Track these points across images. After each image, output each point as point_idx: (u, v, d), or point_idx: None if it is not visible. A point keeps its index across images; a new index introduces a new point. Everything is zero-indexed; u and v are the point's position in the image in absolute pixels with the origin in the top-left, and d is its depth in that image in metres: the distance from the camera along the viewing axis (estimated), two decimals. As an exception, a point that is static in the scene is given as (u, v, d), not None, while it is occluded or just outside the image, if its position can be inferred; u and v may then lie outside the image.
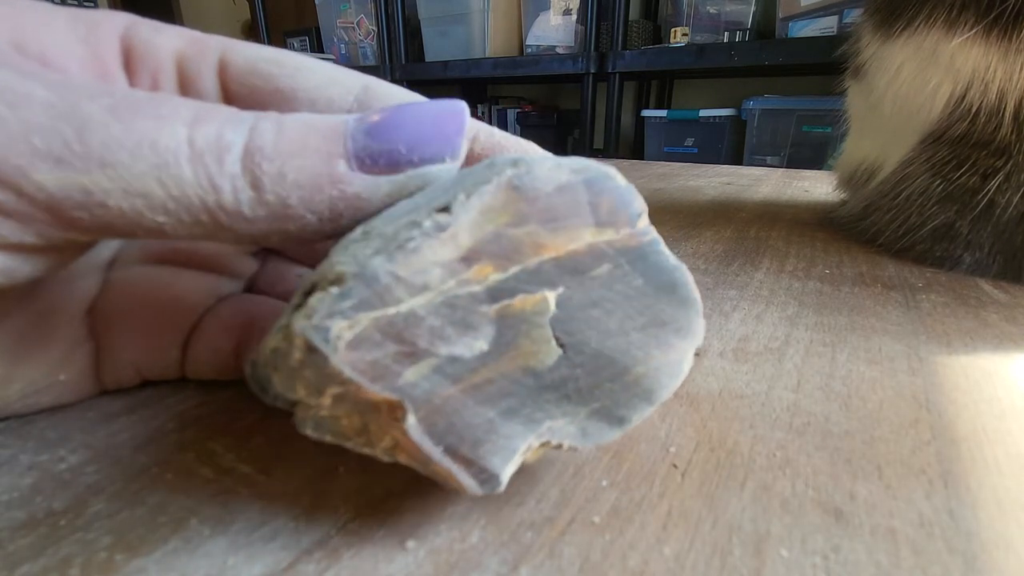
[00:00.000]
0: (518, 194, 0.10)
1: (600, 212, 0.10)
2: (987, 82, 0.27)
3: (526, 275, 0.10)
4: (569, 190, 0.10)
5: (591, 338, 0.10)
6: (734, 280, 0.27)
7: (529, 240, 0.10)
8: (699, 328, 0.11)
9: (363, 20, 1.90)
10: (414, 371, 0.09)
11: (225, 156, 0.10)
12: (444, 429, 0.10)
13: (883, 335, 0.21)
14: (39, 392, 0.14)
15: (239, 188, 0.10)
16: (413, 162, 0.10)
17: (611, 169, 0.10)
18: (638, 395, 0.11)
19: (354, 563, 0.10)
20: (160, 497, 0.12)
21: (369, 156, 0.10)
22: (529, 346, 0.10)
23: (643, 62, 1.43)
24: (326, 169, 0.10)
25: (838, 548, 0.11)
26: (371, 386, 0.09)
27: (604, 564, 0.10)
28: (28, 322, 0.13)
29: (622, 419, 0.11)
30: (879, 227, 0.34)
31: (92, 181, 0.09)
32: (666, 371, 0.11)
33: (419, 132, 0.10)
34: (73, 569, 0.10)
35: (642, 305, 0.11)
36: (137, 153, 0.09)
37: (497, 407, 0.10)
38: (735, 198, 0.51)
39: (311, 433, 0.10)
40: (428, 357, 0.09)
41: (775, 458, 0.14)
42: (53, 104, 0.09)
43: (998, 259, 0.29)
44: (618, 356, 0.11)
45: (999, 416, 0.16)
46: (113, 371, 0.15)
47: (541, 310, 0.10)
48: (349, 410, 0.10)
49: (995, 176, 0.28)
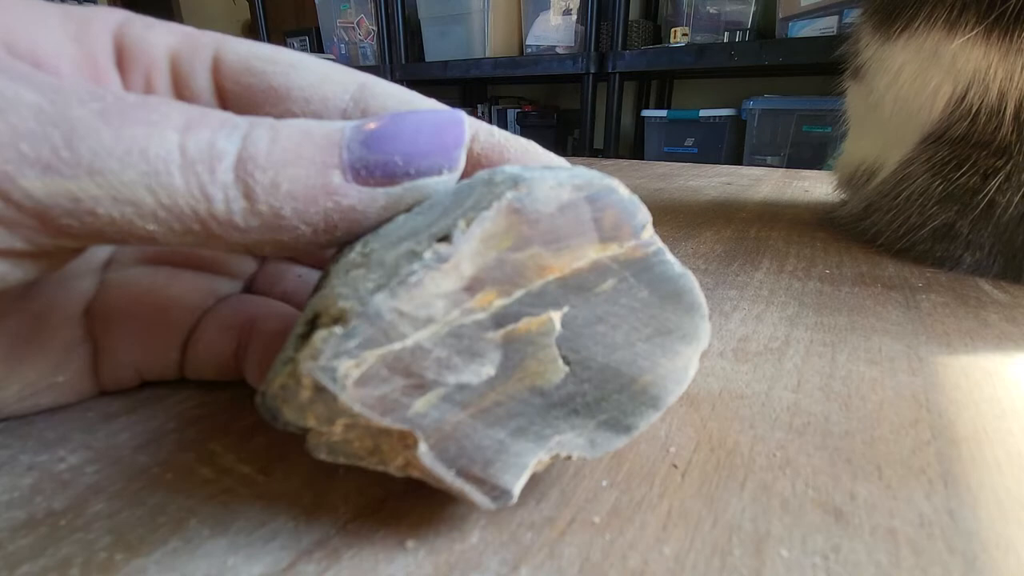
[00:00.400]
0: (519, 217, 0.09)
1: (604, 227, 0.10)
2: (988, 82, 0.27)
3: (530, 298, 0.10)
4: (572, 208, 0.10)
5: (597, 353, 0.10)
6: (734, 280, 0.27)
7: (532, 263, 0.09)
8: (705, 333, 0.11)
9: (363, 20, 1.90)
10: (423, 402, 0.09)
11: (217, 165, 0.09)
12: (455, 453, 0.10)
13: (883, 335, 0.21)
14: (37, 393, 0.14)
15: (231, 198, 0.09)
16: (410, 174, 0.10)
17: (614, 181, 0.10)
18: (645, 403, 0.11)
19: (354, 563, 0.10)
20: (160, 497, 0.12)
21: (365, 167, 0.10)
22: (536, 366, 0.10)
23: (643, 62, 1.43)
24: (320, 180, 0.10)
25: (838, 548, 0.11)
26: (381, 419, 0.09)
27: (604, 564, 0.10)
28: (24, 323, 0.13)
29: (629, 427, 0.11)
30: (879, 227, 0.34)
31: (81, 188, 0.09)
32: (672, 378, 0.11)
33: (417, 143, 0.10)
34: (73, 569, 0.10)
35: (648, 316, 0.11)
36: (127, 161, 0.09)
37: (507, 428, 0.10)
38: (735, 198, 0.51)
39: (325, 457, 0.10)
40: (436, 387, 0.09)
41: (775, 458, 0.14)
42: (42, 109, 0.09)
43: (998, 259, 0.29)
44: (624, 368, 0.11)
45: (999, 416, 0.16)
46: (112, 372, 0.15)
47: (546, 331, 0.10)
48: (361, 434, 0.10)
49: (995, 176, 0.28)
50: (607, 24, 1.47)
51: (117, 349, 0.15)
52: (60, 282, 0.14)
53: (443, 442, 0.09)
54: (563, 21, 1.55)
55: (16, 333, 0.13)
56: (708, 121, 1.47)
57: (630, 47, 1.48)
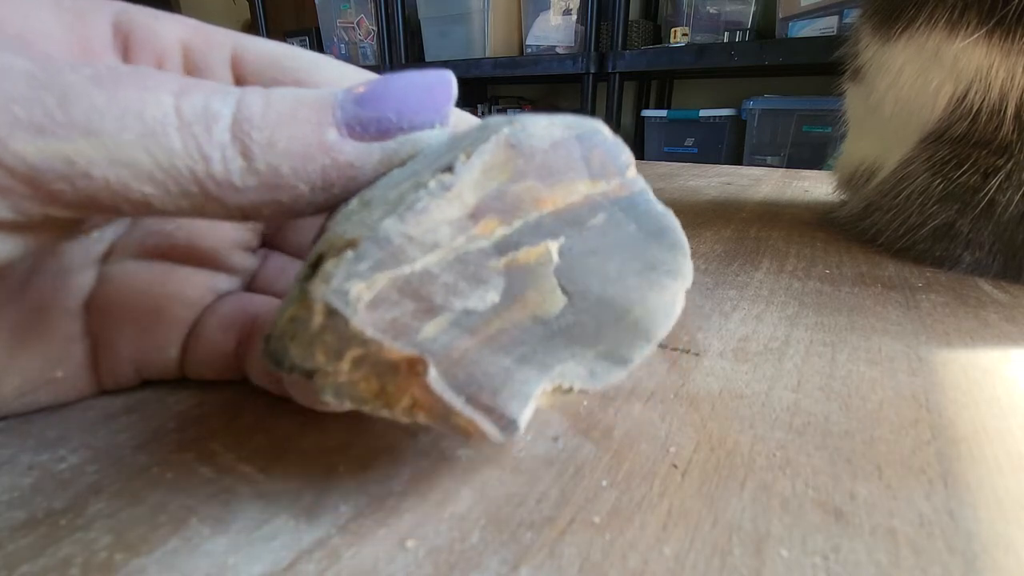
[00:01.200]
0: (515, 151, 0.10)
1: (593, 165, 0.11)
2: (989, 82, 0.27)
3: (529, 228, 0.10)
4: (563, 146, 0.10)
5: (593, 285, 0.11)
6: (734, 280, 0.27)
7: (529, 195, 0.10)
8: (688, 270, 0.12)
9: (363, 20, 1.90)
10: (432, 326, 0.10)
11: (213, 126, 0.09)
12: (464, 380, 0.10)
13: (883, 335, 0.21)
14: (37, 389, 0.14)
15: (229, 157, 0.10)
16: (403, 128, 0.10)
17: (599, 123, 0.11)
18: (638, 335, 0.11)
19: (354, 563, 0.10)
20: (160, 497, 0.12)
21: (360, 124, 0.10)
22: (537, 296, 0.10)
23: (643, 62, 1.42)
24: (317, 137, 0.10)
25: (838, 548, 0.11)
26: (392, 344, 0.09)
27: (604, 564, 0.10)
28: (23, 315, 0.13)
29: (626, 359, 0.11)
30: (879, 227, 0.34)
31: (75, 150, 0.09)
32: (661, 311, 0.12)
33: (407, 100, 0.11)
34: (73, 569, 0.10)
35: (636, 250, 0.11)
36: (123, 122, 0.09)
37: (512, 355, 0.10)
38: (735, 198, 0.51)
39: (331, 399, 0.10)
40: (445, 312, 0.10)
41: (775, 458, 0.14)
42: (34, 75, 0.09)
43: (998, 258, 0.29)
44: (618, 300, 0.11)
45: (999, 416, 0.16)
46: (111, 369, 0.15)
47: (545, 261, 0.10)
48: (367, 373, 0.10)
49: (996, 175, 0.28)
50: (607, 24, 1.47)
51: (115, 346, 0.15)
52: (59, 274, 0.14)
53: (452, 368, 0.10)
54: (563, 21, 1.55)
55: (15, 325, 0.13)
56: (708, 121, 1.47)
57: (630, 47, 1.48)
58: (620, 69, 1.46)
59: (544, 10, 1.57)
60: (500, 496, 0.12)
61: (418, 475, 0.13)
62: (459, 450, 0.14)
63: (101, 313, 0.14)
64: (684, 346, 0.20)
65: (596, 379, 0.11)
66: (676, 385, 0.17)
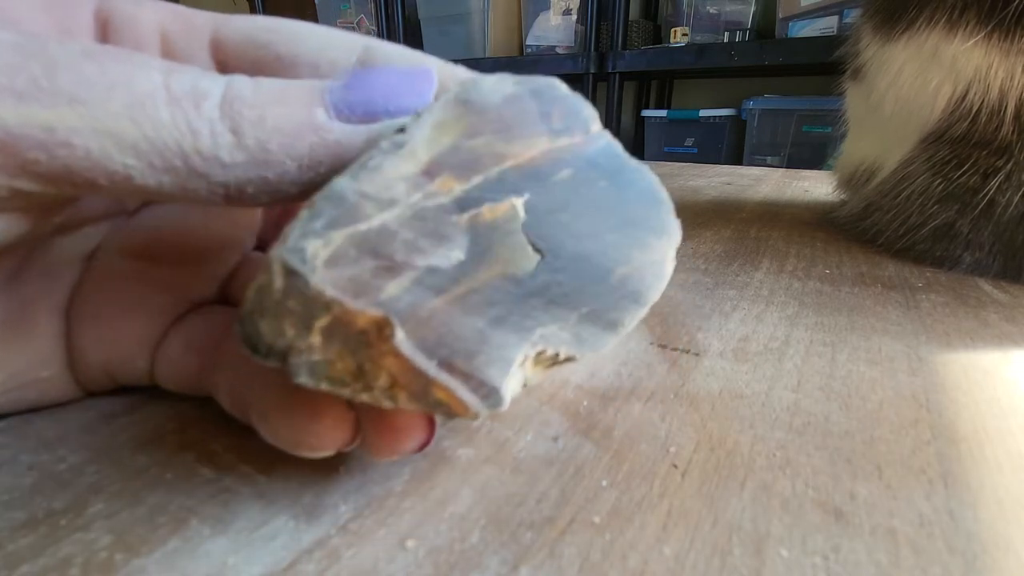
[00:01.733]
0: (467, 108, 0.10)
1: (552, 121, 0.11)
2: (988, 82, 0.27)
3: (489, 184, 0.10)
4: (517, 100, 0.10)
5: (566, 242, 0.10)
6: (734, 280, 0.27)
7: (487, 150, 0.10)
8: (675, 227, 0.12)
9: (363, 20, 1.90)
10: (395, 284, 0.09)
11: (202, 102, 0.10)
12: (435, 342, 0.10)
13: (883, 335, 0.21)
14: (22, 387, 0.14)
15: (218, 132, 0.10)
16: (389, 111, 0.11)
17: (554, 80, 0.11)
18: (626, 296, 0.11)
19: (354, 563, 0.10)
20: (160, 497, 0.12)
21: (347, 106, 0.10)
22: (506, 253, 0.10)
23: (643, 62, 1.42)
24: (306, 117, 0.10)
25: (838, 548, 0.11)
26: (354, 303, 0.09)
27: (604, 564, 0.10)
28: (10, 309, 0.13)
29: (615, 323, 0.11)
30: (879, 227, 0.34)
31: (58, 117, 0.09)
32: (650, 271, 0.11)
33: (393, 85, 0.11)
34: (73, 569, 0.10)
35: (610, 206, 0.11)
36: (112, 92, 0.09)
37: (485, 316, 0.10)
38: (735, 198, 0.51)
39: (306, 380, 0.10)
40: (407, 270, 0.09)
41: (775, 458, 0.14)
42: (21, 45, 0.09)
43: (998, 258, 0.29)
44: (597, 258, 0.11)
45: (999, 416, 0.16)
46: (85, 372, 0.15)
47: (510, 216, 0.10)
48: (341, 349, 0.09)
49: (996, 175, 0.28)
50: (607, 24, 1.47)
51: (87, 349, 0.14)
52: (47, 270, 0.14)
53: (420, 329, 0.09)
54: (563, 21, 1.55)
55: (2, 319, 0.13)
56: (708, 121, 1.47)
57: (630, 47, 1.48)
58: (620, 69, 1.46)
59: (544, 10, 1.57)
60: (500, 496, 0.12)
61: (418, 475, 0.13)
62: (459, 450, 0.14)
63: (77, 313, 0.14)
64: (684, 346, 0.20)
65: (584, 345, 0.11)
66: (676, 385, 0.17)
